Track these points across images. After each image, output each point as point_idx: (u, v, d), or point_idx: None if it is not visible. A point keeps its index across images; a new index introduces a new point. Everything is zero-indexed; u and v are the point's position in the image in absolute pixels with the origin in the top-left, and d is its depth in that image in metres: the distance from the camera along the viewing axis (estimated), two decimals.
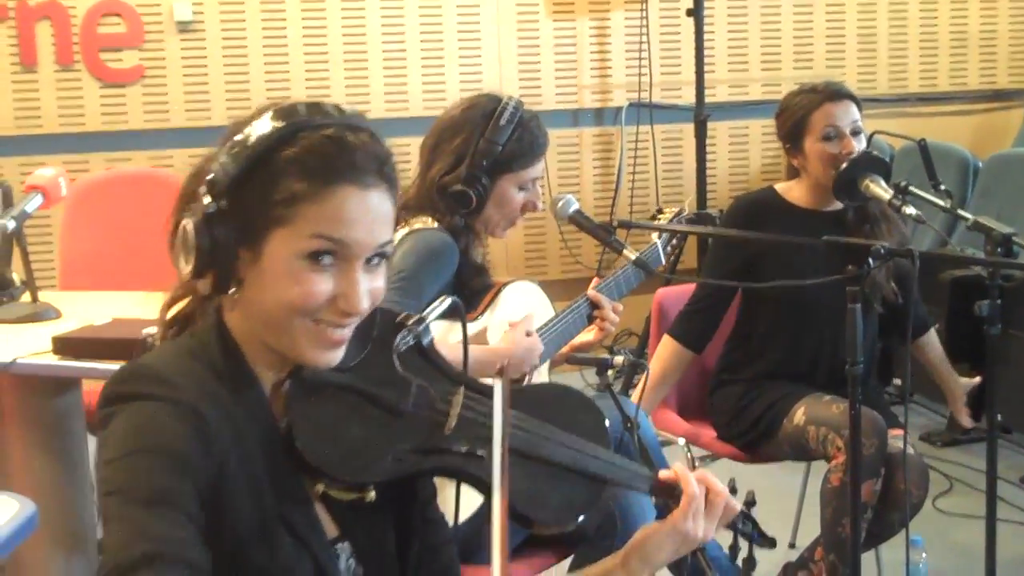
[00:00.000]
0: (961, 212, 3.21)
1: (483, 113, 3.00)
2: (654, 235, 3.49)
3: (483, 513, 2.62)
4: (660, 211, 3.54)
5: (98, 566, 1.48)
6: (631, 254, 3.10)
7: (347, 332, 1.66)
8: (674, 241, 3.60)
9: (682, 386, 3.95)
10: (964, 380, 3.79)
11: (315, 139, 1.61)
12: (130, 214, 4.48)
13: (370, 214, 1.62)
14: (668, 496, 1.86)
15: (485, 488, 1.69)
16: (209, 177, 1.63)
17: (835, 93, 3.58)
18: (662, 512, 2.51)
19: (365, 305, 1.64)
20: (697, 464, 3.71)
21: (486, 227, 3.06)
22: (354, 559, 1.75)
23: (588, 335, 3.18)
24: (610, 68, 6.73)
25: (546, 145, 3.08)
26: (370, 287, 1.65)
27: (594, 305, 3.18)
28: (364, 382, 1.72)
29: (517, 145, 2.99)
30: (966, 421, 3.78)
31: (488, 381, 1.70)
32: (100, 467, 1.56)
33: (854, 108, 3.57)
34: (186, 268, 1.63)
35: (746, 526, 2.06)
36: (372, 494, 1.71)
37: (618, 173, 6.75)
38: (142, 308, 3.43)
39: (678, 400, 3.96)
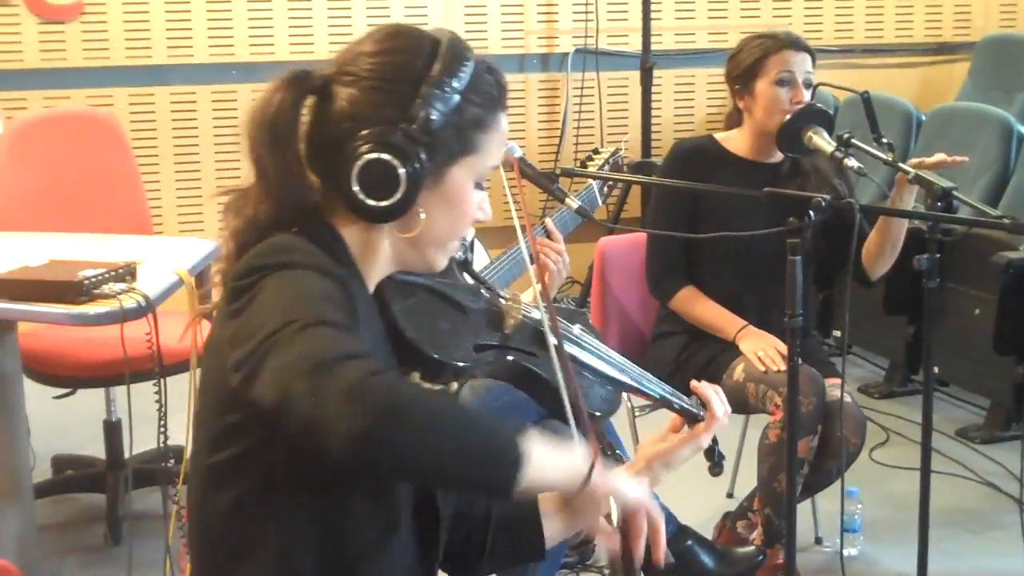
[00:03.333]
0: (902, 165, 3.22)
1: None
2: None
3: None
4: (596, 151, 3.51)
5: (294, 360, 1.48)
6: (573, 202, 3.09)
7: None
8: (610, 183, 3.57)
9: (623, 335, 3.95)
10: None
11: (484, 73, 1.80)
12: (68, 154, 4.40)
13: None
14: (690, 419, 2.10)
15: (539, 384, 1.94)
16: (413, 109, 1.70)
17: (795, 42, 3.61)
18: None
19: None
20: (637, 414, 3.71)
21: None
22: None
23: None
24: (556, 14, 6.69)
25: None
26: None
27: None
28: (440, 284, 1.92)
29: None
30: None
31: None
32: (250, 321, 1.57)
33: (810, 61, 3.60)
34: (376, 203, 1.70)
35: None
36: (455, 385, 1.87)
37: (563, 120, 6.73)
38: (79, 250, 3.40)
39: (618, 349, 3.94)
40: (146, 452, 3.87)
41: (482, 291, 1.99)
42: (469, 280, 2.03)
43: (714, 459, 2.26)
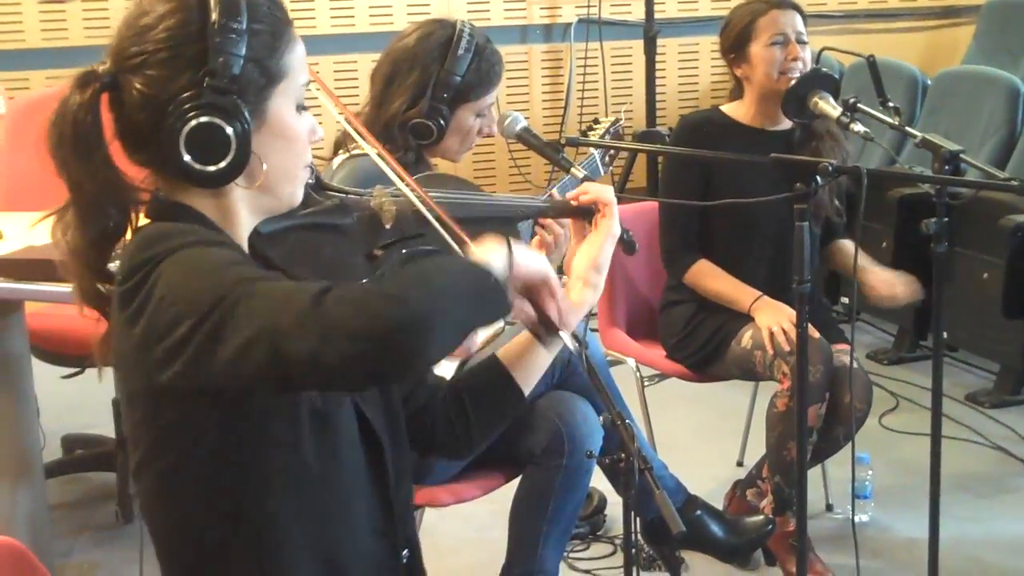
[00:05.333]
0: (909, 129, 3.20)
1: (439, 43, 2.98)
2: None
3: None
4: (596, 121, 3.50)
5: (261, 328, 1.45)
6: (579, 172, 3.08)
7: None
8: (612, 151, 3.56)
9: (631, 305, 3.95)
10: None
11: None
12: None
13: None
14: (586, 216, 2.02)
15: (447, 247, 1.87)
16: (209, 64, 1.66)
17: (782, 1, 3.59)
18: (609, 433, 2.52)
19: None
20: (646, 383, 3.71)
21: (444, 155, 3.06)
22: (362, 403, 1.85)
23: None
24: None
25: (502, 71, 3.08)
26: None
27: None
28: (306, 217, 1.87)
29: (476, 75, 2.99)
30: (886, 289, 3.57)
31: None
32: (162, 313, 1.53)
33: (799, 18, 3.60)
34: (216, 167, 1.66)
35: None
36: None
37: (567, 90, 6.71)
38: None
39: (627, 319, 3.97)
40: None
41: (346, 200, 1.94)
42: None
43: (625, 242, 2.21)
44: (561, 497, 2.99)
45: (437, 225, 1.85)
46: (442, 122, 2.97)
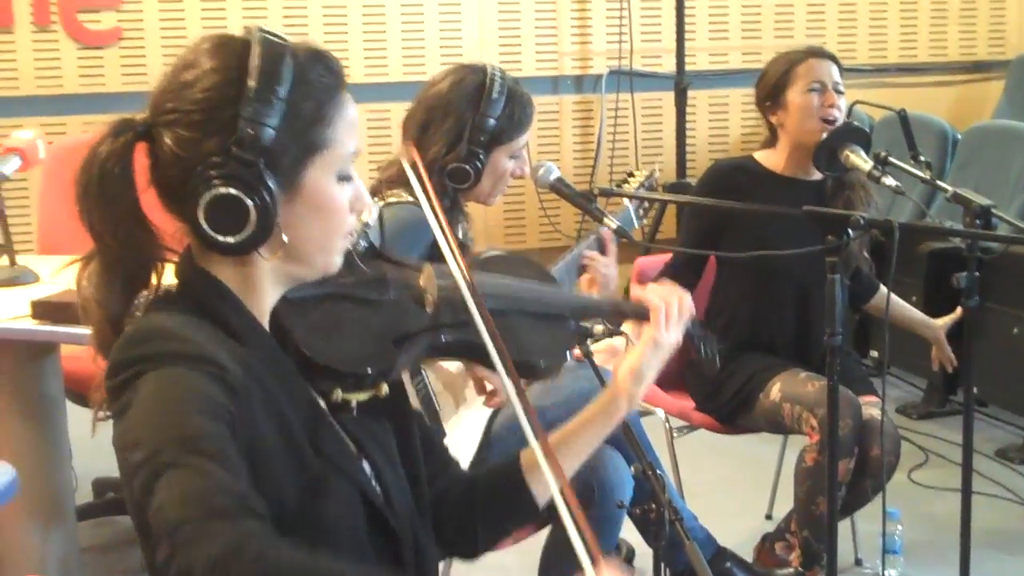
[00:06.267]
0: (941, 184, 3.21)
1: (472, 88, 3.02)
2: (626, 199, 3.49)
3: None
4: (631, 175, 3.54)
5: (162, 519, 1.39)
6: (612, 223, 3.11)
7: None
8: (646, 204, 3.60)
9: None
10: (941, 320, 3.75)
11: (312, 64, 1.69)
12: None
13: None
14: (643, 319, 1.99)
15: (481, 351, 1.77)
16: (239, 132, 1.61)
17: (819, 51, 3.64)
18: (640, 484, 2.53)
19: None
20: (675, 435, 3.71)
21: (478, 198, 3.09)
22: (374, 476, 1.77)
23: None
24: (590, 35, 6.70)
25: (533, 112, 3.12)
26: None
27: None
28: (341, 287, 1.80)
29: (509, 118, 3.02)
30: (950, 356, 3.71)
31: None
32: (131, 430, 1.49)
33: (836, 68, 3.62)
34: (233, 238, 1.61)
35: (695, 327, 2.20)
36: (385, 388, 1.77)
37: (598, 141, 6.74)
38: None
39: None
40: None
41: (390, 276, 1.87)
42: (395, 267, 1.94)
43: (701, 351, 2.22)
44: None
45: (483, 330, 1.76)
46: (479, 165, 3.00)
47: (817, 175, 3.59)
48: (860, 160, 3.32)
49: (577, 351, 2.15)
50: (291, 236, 1.66)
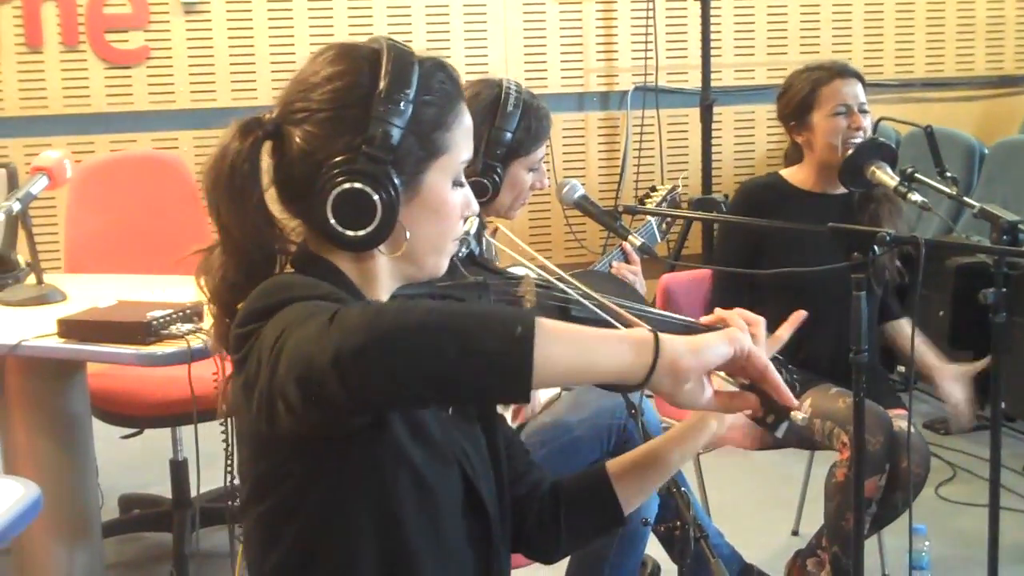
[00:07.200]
0: (967, 200, 3.20)
1: (488, 102, 3.02)
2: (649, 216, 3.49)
3: None
4: (654, 189, 3.53)
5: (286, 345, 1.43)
6: (636, 240, 3.11)
7: None
8: (668, 219, 3.60)
9: None
10: (962, 366, 3.71)
11: (435, 71, 1.75)
12: (135, 196, 4.47)
13: None
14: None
15: None
16: (369, 130, 1.68)
17: (844, 70, 3.63)
18: (665, 501, 2.52)
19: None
20: (701, 451, 3.69)
21: (499, 212, 3.09)
22: (471, 474, 1.80)
23: None
24: (616, 52, 6.71)
25: (550, 124, 3.12)
26: None
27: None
28: (443, 289, 1.86)
29: (526, 130, 3.02)
30: (962, 408, 3.61)
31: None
32: (257, 350, 1.51)
33: (861, 88, 3.61)
34: (357, 233, 1.68)
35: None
36: None
37: (623, 157, 6.74)
38: (147, 291, 3.45)
39: None
40: (212, 491, 3.90)
41: (489, 282, 1.91)
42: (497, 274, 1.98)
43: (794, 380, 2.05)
44: (616, 564, 2.99)
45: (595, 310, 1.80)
46: (497, 179, 3.00)
47: (844, 188, 3.58)
48: (886, 176, 3.31)
49: None
50: (408, 236, 1.72)
